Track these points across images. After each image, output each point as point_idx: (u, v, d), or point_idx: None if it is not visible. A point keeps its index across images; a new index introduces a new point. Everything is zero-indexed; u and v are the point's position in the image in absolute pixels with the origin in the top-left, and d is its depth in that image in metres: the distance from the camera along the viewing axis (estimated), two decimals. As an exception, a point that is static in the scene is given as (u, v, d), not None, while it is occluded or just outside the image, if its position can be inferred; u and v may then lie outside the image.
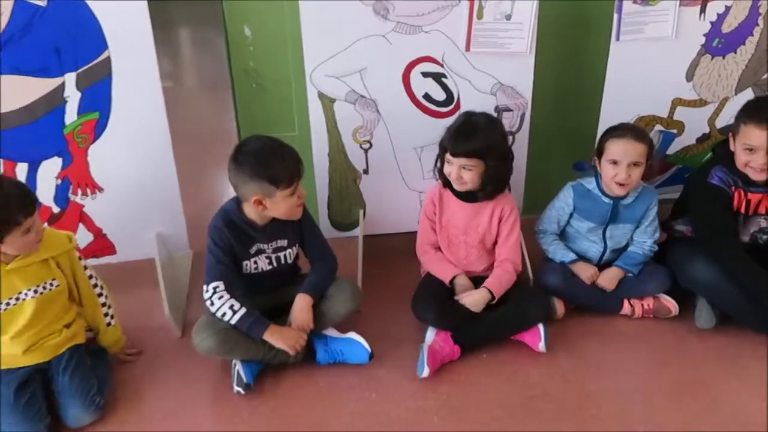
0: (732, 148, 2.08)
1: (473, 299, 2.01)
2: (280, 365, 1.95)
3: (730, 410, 1.82)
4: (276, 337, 1.86)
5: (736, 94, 2.41)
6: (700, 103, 2.42)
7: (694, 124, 2.45)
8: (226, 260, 1.89)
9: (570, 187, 2.18)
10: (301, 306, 1.93)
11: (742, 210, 2.10)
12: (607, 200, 2.12)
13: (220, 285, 1.85)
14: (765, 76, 2.39)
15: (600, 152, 2.09)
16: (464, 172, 1.98)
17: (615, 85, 2.32)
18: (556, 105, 2.49)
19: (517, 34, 2.12)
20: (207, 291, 1.86)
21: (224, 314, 1.84)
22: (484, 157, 1.96)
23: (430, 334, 2.01)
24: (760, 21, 2.29)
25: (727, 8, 2.26)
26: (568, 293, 2.14)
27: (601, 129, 2.26)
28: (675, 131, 2.47)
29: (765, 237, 2.15)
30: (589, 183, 2.15)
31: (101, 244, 2.22)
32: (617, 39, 2.25)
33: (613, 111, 2.36)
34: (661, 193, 2.57)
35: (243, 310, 1.84)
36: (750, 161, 2.01)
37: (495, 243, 2.13)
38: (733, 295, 2.02)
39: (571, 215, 2.19)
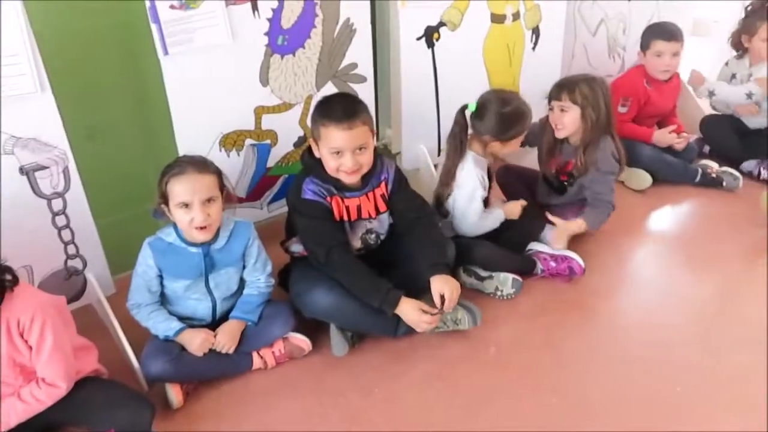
0: (317, 154, 1.90)
1: None
2: None
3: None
4: None
5: (318, 90, 2.25)
6: (285, 106, 2.20)
7: (287, 130, 2.24)
8: None
9: (147, 245, 1.75)
10: None
11: (345, 217, 1.96)
12: (195, 250, 1.76)
13: None
14: (341, 66, 2.28)
15: (165, 198, 1.70)
16: None
17: (181, 105, 1.96)
18: (118, 143, 2.04)
19: (15, 71, 1.57)
20: None
21: None
22: None
23: None
24: (318, 10, 2.13)
25: (281, 2, 2.04)
26: (180, 375, 1.74)
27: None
28: (269, 142, 2.22)
29: (374, 237, 2.05)
30: (169, 235, 1.75)
31: None
32: (166, 53, 1.86)
33: (190, 136, 2.01)
34: (274, 209, 2.35)
35: None
36: (340, 165, 1.85)
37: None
38: (356, 312, 1.87)
39: (161, 277, 1.77)
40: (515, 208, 2.25)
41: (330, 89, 2.27)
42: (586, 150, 2.28)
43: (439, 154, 2.69)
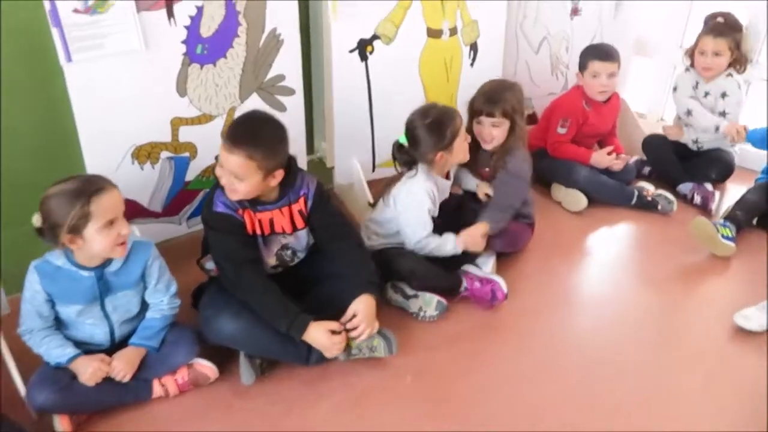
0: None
1: None
2: None
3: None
4: None
5: (242, 101, 2.16)
6: (206, 118, 2.11)
7: (208, 142, 2.13)
8: None
9: (33, 269, 1.63)
10: None
11: (258, 231, 1.87)
12: (87, 273, 1.64)
13: None
14: (267, 77, 2.18)
15: (85, 220, 1.56)
16: None
17: (88, 114, 1.89)
18: (18, 153, 1.91)
19: None
20: None
21: None
22: None
23: None
24: (242, 20, 2.04)
25: (200, 9, 1.95)
26: (69, 405, 1.63)
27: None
28: (188, 154, 2.12)
29: (290, 253, 1.97)
30: (58, 258, 1.63)
31: None
32: (69, 59, 1.76)
33: (99, 147, 1.92)
34: (193, 225, 2.25)
35: None
36: (221, 177, 1.78)
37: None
38: (264, 339, 1.79)
39: (52, 302, 1.66)
40: (475, 238, 2.15)
41: (255, 101, 2.18)
42: (502, 155, 2.26)
43: (373, 170, 2.63)
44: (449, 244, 2.13)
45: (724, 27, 2.71)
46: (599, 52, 2.67)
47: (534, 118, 3.05)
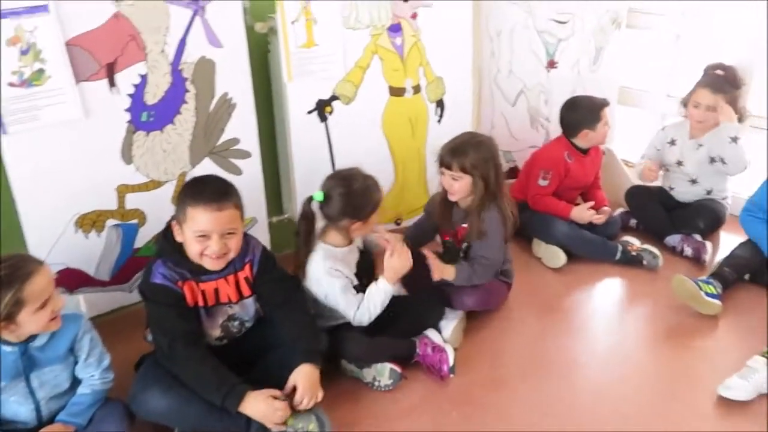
0: (179, 238, 1.75)
1: None
2: None
3: None
4: None
5: (193, 166, 2.14)
6: (154, 184, 2.08)
7: (157, 208, 2.10)
8: None
9: (-48, 344, 1.60)
10: None
11: (201, 303, 1.81)
12: (9, 349, 1.58)
13: None
14: (219, 141, 2.17)
15: (19, 306, 1.51)
16: None
17: (26, 184, 1.86)
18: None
19: None
20: None
21: None
22: None
23: None
24: (189, 86, 2.04)
25: (144, 77, 1.95)
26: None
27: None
28: (136, 221, 2.09)
29: (237, 324, 1.89)
30: (-22, 334, 1.59)
31: None
32: (4, 132, 1.77)
33: (39, 217, 1.91)
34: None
35: None
36: (206, 249, 1.72)
37: None
38: (197, 416, 1.69)
39: (-33, 380, 1.61)
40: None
41: (208, 166, 2.16)
42: (477, 216, 2.15)
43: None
44: (380, 294, 1.97)
45: (723, 82, 2.60)
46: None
47: (515, 171, 2.97)
